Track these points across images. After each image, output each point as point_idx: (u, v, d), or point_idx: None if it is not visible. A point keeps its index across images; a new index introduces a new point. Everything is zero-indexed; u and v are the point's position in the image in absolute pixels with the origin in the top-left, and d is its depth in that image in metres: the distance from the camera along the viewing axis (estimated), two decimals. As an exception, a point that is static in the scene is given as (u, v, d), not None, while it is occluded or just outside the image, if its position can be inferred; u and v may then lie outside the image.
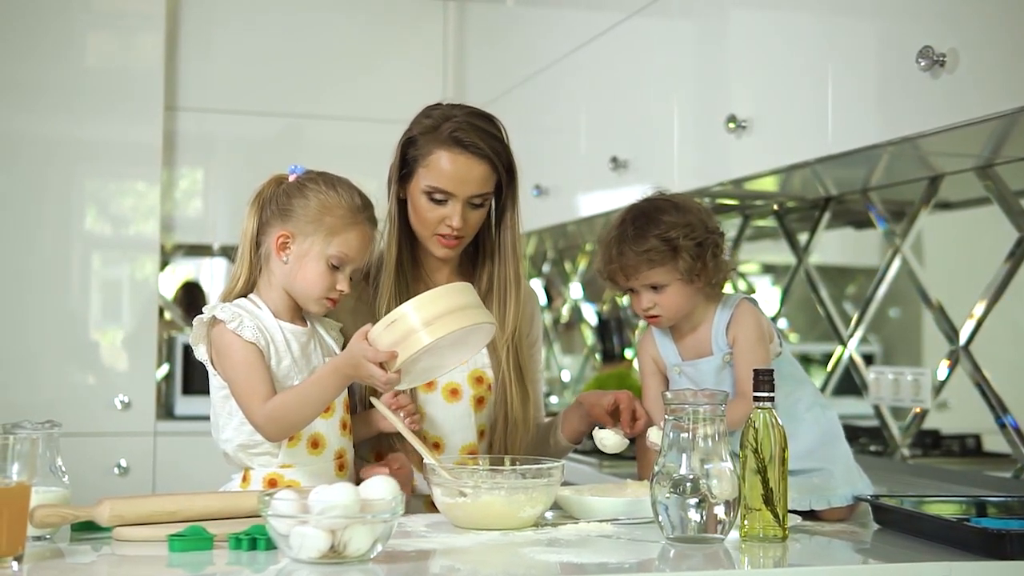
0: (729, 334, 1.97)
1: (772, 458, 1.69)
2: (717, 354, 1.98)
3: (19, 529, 1.43)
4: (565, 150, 3.55)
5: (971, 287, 2.60)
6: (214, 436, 1.95)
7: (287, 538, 1.48)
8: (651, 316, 1.98)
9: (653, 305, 1.96)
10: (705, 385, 1.95)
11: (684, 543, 1.65)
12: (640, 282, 1.95)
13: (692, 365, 2.00)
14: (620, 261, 1.94)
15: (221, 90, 4.31)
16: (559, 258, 4.68)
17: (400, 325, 1.76)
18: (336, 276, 1.90)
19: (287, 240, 1.90)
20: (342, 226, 1.89)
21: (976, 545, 1.62)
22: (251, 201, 1.95)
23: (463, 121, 1.99)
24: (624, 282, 1.97)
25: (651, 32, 3.04)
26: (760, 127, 2.54)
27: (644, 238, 1.92)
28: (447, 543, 1.67)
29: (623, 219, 1.97)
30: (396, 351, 1.75)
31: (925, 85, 2.01)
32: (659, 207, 1.97)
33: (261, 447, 1.89)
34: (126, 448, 3.94)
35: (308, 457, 1.90)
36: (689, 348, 2.01)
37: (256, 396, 1.83)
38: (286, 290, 1.92)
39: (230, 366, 1.86)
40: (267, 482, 1.88)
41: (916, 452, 2.80)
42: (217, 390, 1.91)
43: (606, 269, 1.97)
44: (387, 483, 1.55)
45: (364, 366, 1.77)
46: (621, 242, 1.94)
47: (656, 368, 2.06)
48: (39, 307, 3.93)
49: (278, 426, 1.84)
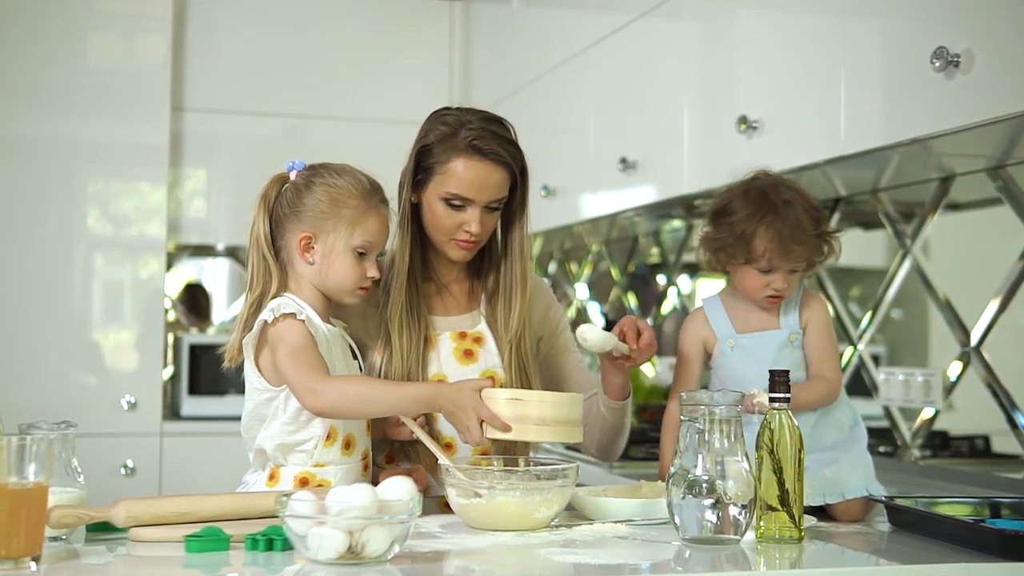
0: (802, 316, 2.01)
1: (788, 459, 1.69)
2: (784, 330, 2.01)
3: (37, 530, 1.43)
4: (573, 151, 3.54)
5: (981, 288, 2.59)
6: (244, 435, 1.94)
7: (305, 539, 1.48)
8: (774, 297, 1.99)
9: (787, 286, 1.99)
10: (763, 358, 1.98)
11: (700, 544, 1.65)
12: (789, 265, 1.97)
13: (752, 337, 2.01)
14: (782, 243, 1.94)
15: (226, 91, 4.31)
16: (565, 258, 4.68)
17: (518, 408, 1.82)
18: (364, 264, 1.91)
19: (310, 240, 1.90)
20: (360, 214, 1.90)
21: (994, 546, 1.61)
22: (257, 204, 1.94)
23: (480, 128, 2.00)
24: (773, 261, 1.96)
25: (660, 33, 3.04)
26: (771, 128, 2.54)
27: (807, 227, 1.95)
28: (462, 544, 1.67)
29: (787, 202, 1.96)
30: (510, 426, 1.81)
31: (939, 86, 2.01)
32: (805, 192, 1.99)
33: (301, 446, 1.88)
34: (132, 449, 3.94)
35: (341, 457, 1.91)
36: (750, 321, 2.03)
37: (317, 368, 1.82)
38: (319, 288, 1.92)
39: (287, 349, 1.83)
40: (298, 481, 1.88)
41: (925, 453, 2.79)
42: (261, 392, 1.89)
43: (763, 246, 1.95)
44: (404, 484, 1.55)
45: (469, 416, 1.82)
46: (795, 227, 1.95)
47: (700, 352, 2.06)
48: (46, 308, 3.93)
49: (333, 404, 1.81)
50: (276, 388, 1.87)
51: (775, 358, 1.99)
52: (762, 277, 1.98)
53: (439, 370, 2.05)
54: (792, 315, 2.02)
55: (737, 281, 2.02)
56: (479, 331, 2.10)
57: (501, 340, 2.08)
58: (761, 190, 1.98)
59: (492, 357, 2.09)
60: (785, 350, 2.00)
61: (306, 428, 1.87)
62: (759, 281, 1.99)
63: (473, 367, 2.07)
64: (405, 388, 1.92)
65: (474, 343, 2.08)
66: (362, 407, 1.86)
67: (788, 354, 2.00)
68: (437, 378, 2.04)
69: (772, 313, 2.03)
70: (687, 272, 4.11)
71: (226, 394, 4.12)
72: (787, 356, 2.00)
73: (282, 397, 1.87)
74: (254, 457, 1.94)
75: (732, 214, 1.98)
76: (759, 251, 1.95)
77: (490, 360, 2.09)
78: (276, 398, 1.88)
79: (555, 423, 1.83)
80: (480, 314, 2.12)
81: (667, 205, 3.17)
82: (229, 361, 1.94)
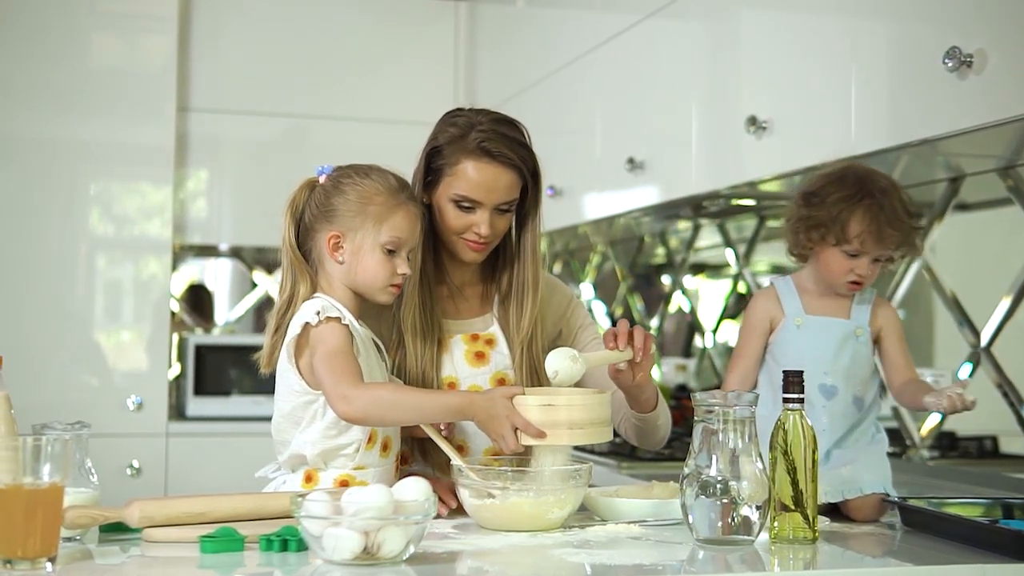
0: (875, 317, 2.03)
1: (802, 460, 1.69)
2: (853, 322, 2.02)
3: (53, 530, 1.43)
4: (579, 151, 3.54)
5: (990, 288, 2.59)
6: (275, 437, 1.92)
7: (320, 539, 1.48)
8: (855, 283, 2.00)
9: (870, 274, 2.00)
10: (826, 343, 2.00)
11: (713, 545, 1.65)
12: (880, 251, 1.98)
13: (820, 320, 2.02)
14: (879, 227, 1.95)
15: (231, 91, 4.30)
16: (570, 258, 4.68)
17: (549, 413, 1.80)
18: (395, 261, 1.90)
19: (338, 239, 1.89)
20: (387, 211, 1.89)
21: (1009, 547, 1.61)
22: (285, 210, 1.94)
23: (490, 130, 1.99)
24: (866, 245, 1.97)
25: (668, 33, 3.04)
26: (780, 128, 2.53)
27: (902, 216, 1.97)
28: (476, 544, 1.67)
29: (884, 189, 1.97)
30: (544, 432, 1.80)
31: (951, 86, 2.01)
32: (899, 185, 2.01)
33: (344, 450, 1.87)
34: (138, 449, 3.93)
35: (379, 459, 1.90)
36: (820, 307, 2.04)
37: (352, 374, 1.81)
38: (350, 288, 1.92)
39: (325, 352, 1.82)
40: (338, 483, 1.85)
41: (934, 454, 2.79)
42: (299, 395, 1.87)
43: (859, 229, 1.96)
44: (419, 484, 1.55)
45: (503, 424, 1.80)
46: (892, 214, 1.96)
47: (766, 328, 2.05)
48: (52, 309, 3.93)
49: (365, 411, 1.80)
50: (316, 392, 1.85)
51: (838, 347, 2.00)
52: (848, 261, 1.98)
53: (451, 372, 2.05)
54: (864, 312, 2.03)
55: (821, 263, 2.02)
56: (491, 333, 2.10)
57: (513, 342, 2.08)
58: (859, 175, 2.00)
59: (504, 359, 2.09)
60: (849, 342, 2.01)
61: (348, 432, 1.86)
62: (844, 265, 1.99)
63: (484, 369, 2.06)
64: (438, 396, 1.91)
65: (486, 345, 2.08)
66: (394, 415, 1.85)
67: (850, 346, 2.01)
68: (449, 380, 2.04)
69: (843, 304, 2.04)
70: (692, 272, 4.11)
71: (231, 394, 4.12)
72: (849, 348, 2.00)
73: (321, 401, 1.85)
74: (287, 460, 1.91)
75: (828, 195, 1.99)
76: (853, 232, 1.96)
77: (501, 362, 2.08)
78: (316, 402, 1.86)
79: (587, 425, 1.82)
80: (493, 316, 2.12)
81: (675, 206, 3.17)
82: (265, 367, 1.93)
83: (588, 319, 2.22)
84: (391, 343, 2.05)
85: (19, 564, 1.40)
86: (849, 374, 1.99)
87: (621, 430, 2.13)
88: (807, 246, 2.02)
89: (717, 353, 3.90)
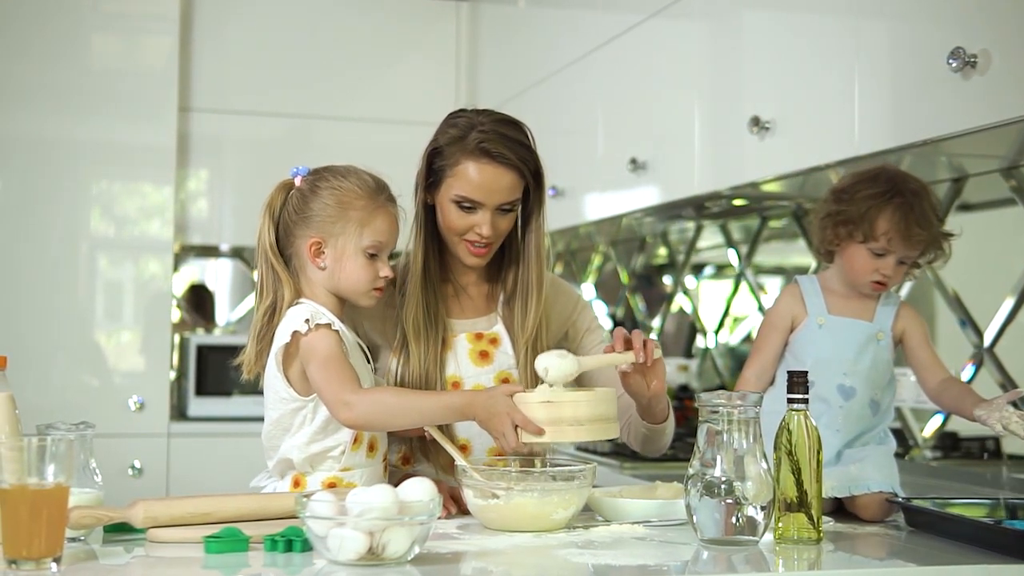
0: (899, 321, 2.03)
1: (807, 460, 1.68)
2: (875, 324, 2.02)
3: (58, 530, 1.43)
4: (581, 151, 3.54)
5: (994, 288, 2.59)
6: (266, 444, 1.92)
7: (325, 540, 1.48)
8: (880, 283, 2.00)
9: (894, 275, 2.00)
10: (847, 343, 2.00)
11: (717, 545, 1.64)
12: (906, 251, 1.98)
13: (843, 321, 2.02)
14: (908, 226, 1.95)
15: (233, 91, 4.30)
16: (571, 259, 4.68)
17: (553, 410, 1.80)
18: (376, 265, 1.90)
19: (320, 245, 1.88)
20: (367, 215, 1.88)
21: (1013, 548, 1.61)
22: (263, 212, 1.93)
23: (490, 130, 1.99)
24: (893, 244, 1.97)
25: (671, 33, 3.04)
26: (784, 128, 2.53)
27: (931, 218, 1.97)
28: (480, 545, 1.67)
29: (915, 191, 1.98)
30: (545, 429, 1.79)
31: (955, 86, 2.01)
32: (930, 189, 2.01)
33: (330, 453, 1.87)
34: (140, 449, 3.93)
35: (366, 460, 1.90)
36: (843, 308, 2.04)
37: (350, 380, 1.81)
38: (332, 292, 1.91)
39: (320, 361, 1.82)
40: (326, 486, 1.86)
41: (936, 454, 2.79)
42: (287, 402, 1.87)
43: (887, 226, 1.96)
44: (424, 484, 1.55)
45: (504, 422, 1.79)
46: (921, 214, 1.96)
47: (788, 326, 2.05)
48: (52, 309, 3.92)
49: (367, 416, 1.81)
50: (305, 398, 1.86)
51: (859, 348, 2.00)
52: (873, 260, 1.98)
53: (455, 371, 2.05)
54: (888, 315, 2.03)
55: (846, 260, 2.02)
56: (495, 332, 2.10)
57: (517, 341, 2.07)
58: (891, 175, 2.00)
59: (507, 358, 2.08)
60: (870, 344, 2.01)
61: (334, 434, 1.87)
62: (870, 264, 1.99)
63: (488, 368, 2.06)
64: (438, 398, 1.91)
65: (490, 344, 2.08)
66: (396, 418, 1.85)
67: (872, 348, 2.01)
68: (453, 380, 2.04)
69: (868, 306, 2.04)
70: (694, 273, 4.11)
71: (232, 395, 4.12)
72: (870, 350, 2.01)
73: (310, 407, 1.86)
74: (275, 465, 1.92)
75: (858, 192, 1.99)
76: (881, 230, 1.96)
77: (505, 361, 2.08)
78: (304, 408, 1.86)
79: (590, 422, 1.81)
80: (497, 315, 2.11)
81: (677, 206, 3.17)
82: (247, 373, 1.93)
83: (595, 322, 2.21)
84: (395, 342, 2.04)
85: (24, 564, 1.40)
86: (868, 376, 1.99)
87: (625, 435, 2.13)
88: (834, 242, 2.01)
89: (719, 353, 3.90)
